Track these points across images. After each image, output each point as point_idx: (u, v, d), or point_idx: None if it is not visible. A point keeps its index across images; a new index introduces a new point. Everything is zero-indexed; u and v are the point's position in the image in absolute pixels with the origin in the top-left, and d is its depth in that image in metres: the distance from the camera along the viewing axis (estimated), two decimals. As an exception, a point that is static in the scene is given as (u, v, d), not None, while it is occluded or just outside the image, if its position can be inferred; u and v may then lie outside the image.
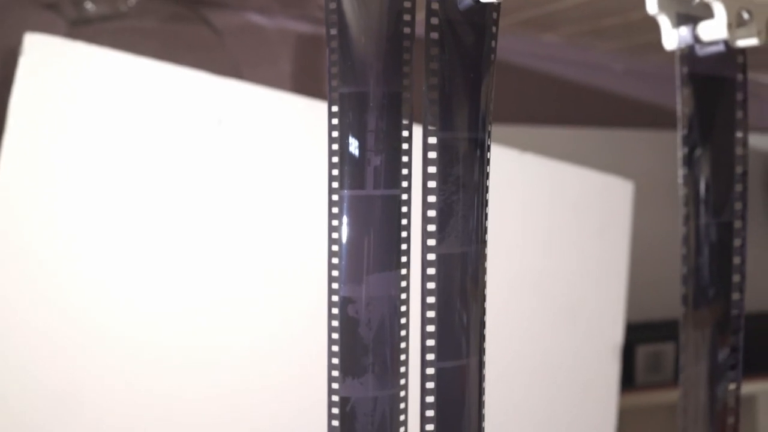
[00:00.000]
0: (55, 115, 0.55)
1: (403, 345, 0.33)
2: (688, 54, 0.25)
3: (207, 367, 0.57)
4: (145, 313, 0.56)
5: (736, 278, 0.33)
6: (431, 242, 0.30)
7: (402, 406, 0.33)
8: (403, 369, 0.33)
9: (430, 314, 0.30)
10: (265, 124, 0.60)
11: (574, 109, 0.94)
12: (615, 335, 0.67)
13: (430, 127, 0.29)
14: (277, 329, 0.59)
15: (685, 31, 0.25)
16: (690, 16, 0.25)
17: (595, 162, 0.74)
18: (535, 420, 0.65)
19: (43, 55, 0.55)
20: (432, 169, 0.29)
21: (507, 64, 0.89)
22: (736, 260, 0.32)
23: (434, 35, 0.29)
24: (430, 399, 0.30)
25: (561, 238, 0.66)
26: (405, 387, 0.33)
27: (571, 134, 0.88)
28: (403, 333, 0.33)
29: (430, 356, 0.30)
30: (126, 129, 0.56)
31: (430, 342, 0.30)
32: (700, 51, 0.25)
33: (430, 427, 0.30)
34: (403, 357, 0.33)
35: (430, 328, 0.30)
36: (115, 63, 0.57)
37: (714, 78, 0.26)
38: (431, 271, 0.30)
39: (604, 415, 0.65)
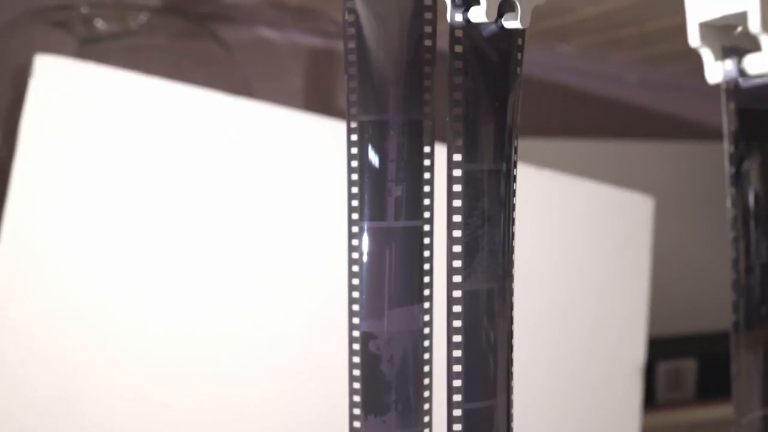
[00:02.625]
0: (66, 137, 0.54)
1: (426, 381, 0.32)
2: (734, 88, 0.24)
3: (229, 393, 0.56)
4: (156, 328, 0.55)
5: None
6: (457, 278, 0.29)
7: (426, 445, 0.32)
8: (427, 406, 0.32)
9: (457, 353, 0.29)
10: (278, 144, 0.59)
11: (588, 121, 0.93)
12: (637, 355, 0.66)
13: (455, 159, 0.28)
14: (289, 361, 0.58)
15: (729, 64, 0.24)
16: (735, 48, 0.24)
17: (611, 174, 0.73)
18: (555, 442, 0.63)
19: (54, 76, 0.54)
20: (457, 203, 0.28)
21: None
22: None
23: (458, 64, 0.28)
24: (457, 442, 0.29)
25: (579, 256, 0.65)
26: (429, 425, 0.32)
27: (586, 146, 0.87)
28: (426, 369, 0.32)
29: (457, 397, 0.29)
30: (138, 150, 0.56)
31: (457, 382, 0.29)
32: (745, 84, 0.24)
33: (457, 470, 0.29)
34: (426, 394, 0.32)
35: (457, 368, 0.29)
36: (127, 83, 0.56)
37: (763, 113, 0.25)
38: (457, 308, 0.29)
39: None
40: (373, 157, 0.31)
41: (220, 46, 0.78)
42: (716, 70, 0.24)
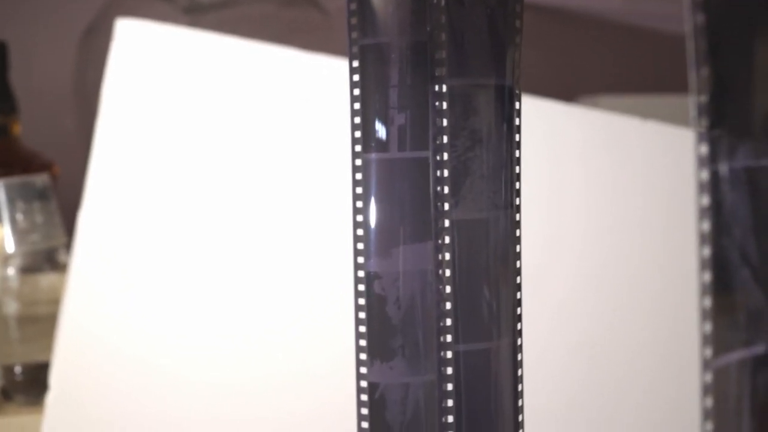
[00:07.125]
0: (147, 102, 0.55)
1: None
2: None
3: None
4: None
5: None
6: (445, 206, 0.26)
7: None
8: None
9: (447, 289, 0.26)
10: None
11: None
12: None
13: (437, 74, 0.26)
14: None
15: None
16: None
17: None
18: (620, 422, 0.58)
19: (134, 40, 0.55)
20: (443, 122, 0.26)
21: (632, 29, 0.82)
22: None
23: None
24: (448, 387, 0.26)
25: (683, 214, 0.59)
26: (440, 373, 0.29)
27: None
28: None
29: (448, 338, 0.26)
30: (219, 117, 0.55)
31: (447, 321, 0.26)
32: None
33: (449, 418, 0.26)
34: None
35: (447, 306, 0.26)
36: (207, 46, 0.56)
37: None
38: (447, 239, 0.26)
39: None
40: (375, 84, 0.29)
41: (320, 13, 0.78)
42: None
